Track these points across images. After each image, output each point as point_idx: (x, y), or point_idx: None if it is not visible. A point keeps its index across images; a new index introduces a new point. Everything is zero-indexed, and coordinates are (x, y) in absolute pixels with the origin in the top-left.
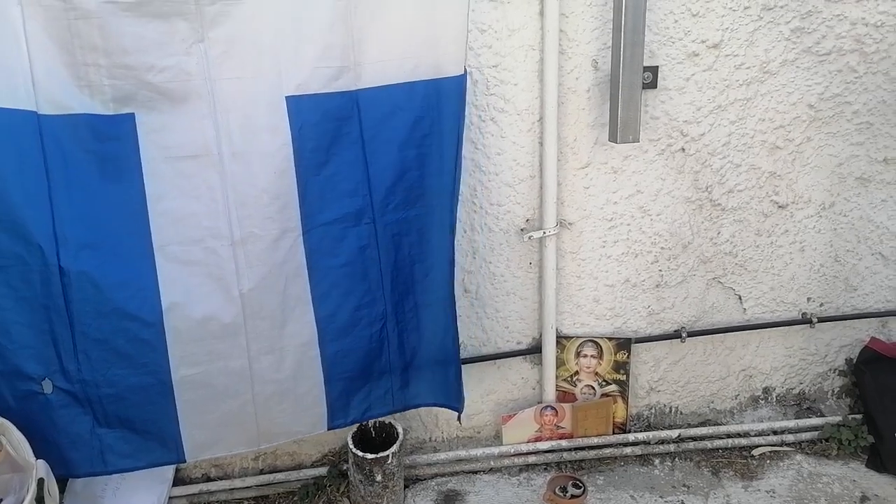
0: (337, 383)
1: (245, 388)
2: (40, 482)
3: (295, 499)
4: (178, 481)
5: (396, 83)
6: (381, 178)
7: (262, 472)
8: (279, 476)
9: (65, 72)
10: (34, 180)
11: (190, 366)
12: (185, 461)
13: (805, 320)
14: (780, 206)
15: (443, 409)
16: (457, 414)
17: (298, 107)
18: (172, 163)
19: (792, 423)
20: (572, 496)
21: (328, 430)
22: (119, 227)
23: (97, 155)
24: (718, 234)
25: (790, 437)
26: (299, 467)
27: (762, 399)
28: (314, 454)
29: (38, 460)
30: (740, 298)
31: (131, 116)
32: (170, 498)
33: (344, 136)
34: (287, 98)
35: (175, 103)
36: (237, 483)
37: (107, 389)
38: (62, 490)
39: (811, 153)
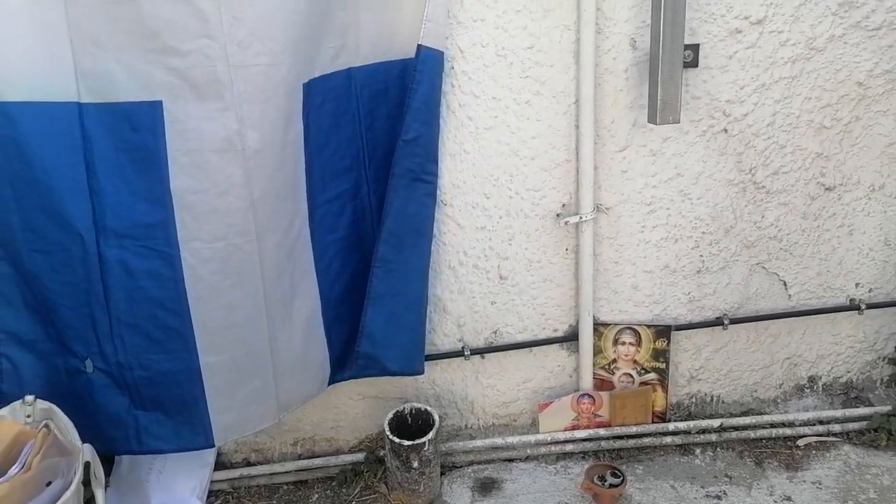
0: (335, 346)
1: (265, 366)
2: (86, 466)
3: (333, 484)
4: (219, 465)
5: (392, 59)
6: (374, 152)
7: (300, 458)
8: (317, 461)
9: (104, 58)
10: (76, 171)
11: (217, 353)
12: (213, 445)
13: (853, 307)
14: (827, 189)
15: (477, 395)
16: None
17: (309, 91)
18: (195, 156)
19: (839, 413)
20: (611, 485)
21: (328, 386)
22: (149, 218)
23: (131, 144)
24: (762, 217)
25: (837, 427)
26: (337, 453)
27: (808, 388)
28: (351, 440)
29: (85, 444)
30: (785, 284)
31: (159, 104)
32: (211, 482)
33: (342, 115)
34: (303, 84)
35: (197, 91)
36: (276, 468)
37: (140, 372)
38: (108, 473)
39: (860, 133)
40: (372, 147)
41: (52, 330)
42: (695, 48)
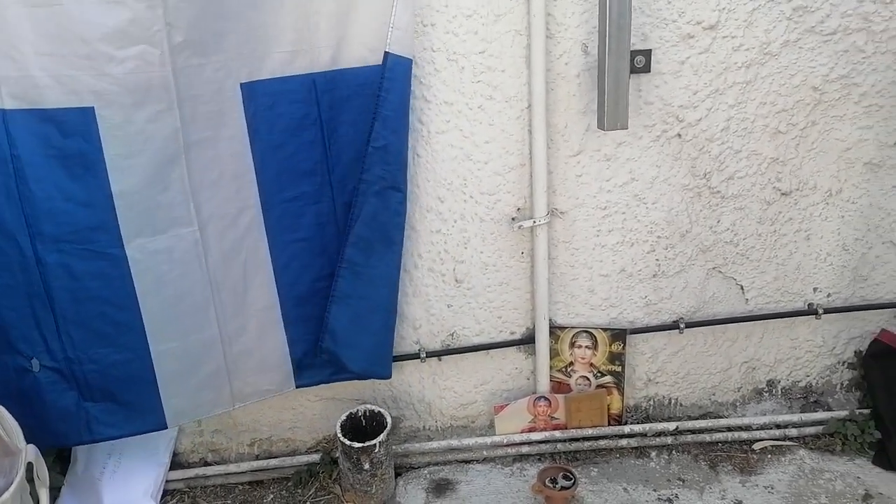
0: (300, 344)
1: (216, 353)
2: (29, 466)
3: (289, 484)
4: (175, 465)
5: (355, 66)
6: (339, 159)
7: (257, 458)
8: (273, 462)
9: (27, 64)
10: (6, 177)
11: (166, 341)
12: (166, 427)
13: (811, 311)
14: (783, 194)
15: (434, 396)
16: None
17: (252, 92)
18: (135, 157)
19: (796, 417)
20: (562, 488)
21: (296, 387)
22: (88, 222)
23: (62, 151)
24: (718, 222)
25: (793, 432)
26: (294, 453)
27: (766, 392)
28: (308, 441)
29: (29, 445)
30: (742, 288)
31: (91, 111)
32: (167, 481)
33: (302, 118)
34: (241, 85)
35: (136, 95)
36: (233, 468)
37: (90, 366)
38: (63, 471)
39: (816, 137)
40: (336, 153)
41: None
42: (647, 53)
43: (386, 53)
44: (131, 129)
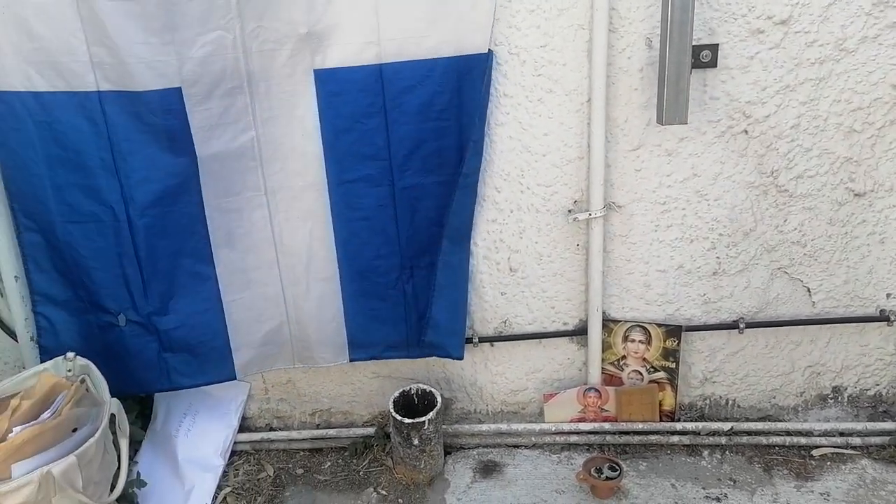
0: (355, 318)
1: (280, 312)
2: (112, 417)
3: (345, 454)
4: (243, 429)
5: (419, 58)
6: (400, 145)
7: (317, 427)
8: (332, 432)
9: (118, 51)
10: (103, 152)
11: (235, 292)
12: (234, 378)
13: (883, 318)
14: (856, 195)
15: (485, 381)
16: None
17: (323, 78)
18: (215, 130)
19: (861, 426)
20: (607, 478)
21: (350, 361)
22: (176, 187)
23: (154, 126)
24: (785, 221)
25: (857, 441)
26: (351, 426)
27: (831, 398)
28: (365, 415)
29: (112, 398)
30: (809, 291)
31: (178, 90)
32: (235, 442)
33: (368, 106)
34: (315, 71)
35: (213, 75)
36: (295, 435)
37: (172, 317)
38: (144, 427)
39: (894, 138)
40: (398, 140)
41: (83, 291)
42: (713, 48)
43: (490, 51)
44: (211, 103)
